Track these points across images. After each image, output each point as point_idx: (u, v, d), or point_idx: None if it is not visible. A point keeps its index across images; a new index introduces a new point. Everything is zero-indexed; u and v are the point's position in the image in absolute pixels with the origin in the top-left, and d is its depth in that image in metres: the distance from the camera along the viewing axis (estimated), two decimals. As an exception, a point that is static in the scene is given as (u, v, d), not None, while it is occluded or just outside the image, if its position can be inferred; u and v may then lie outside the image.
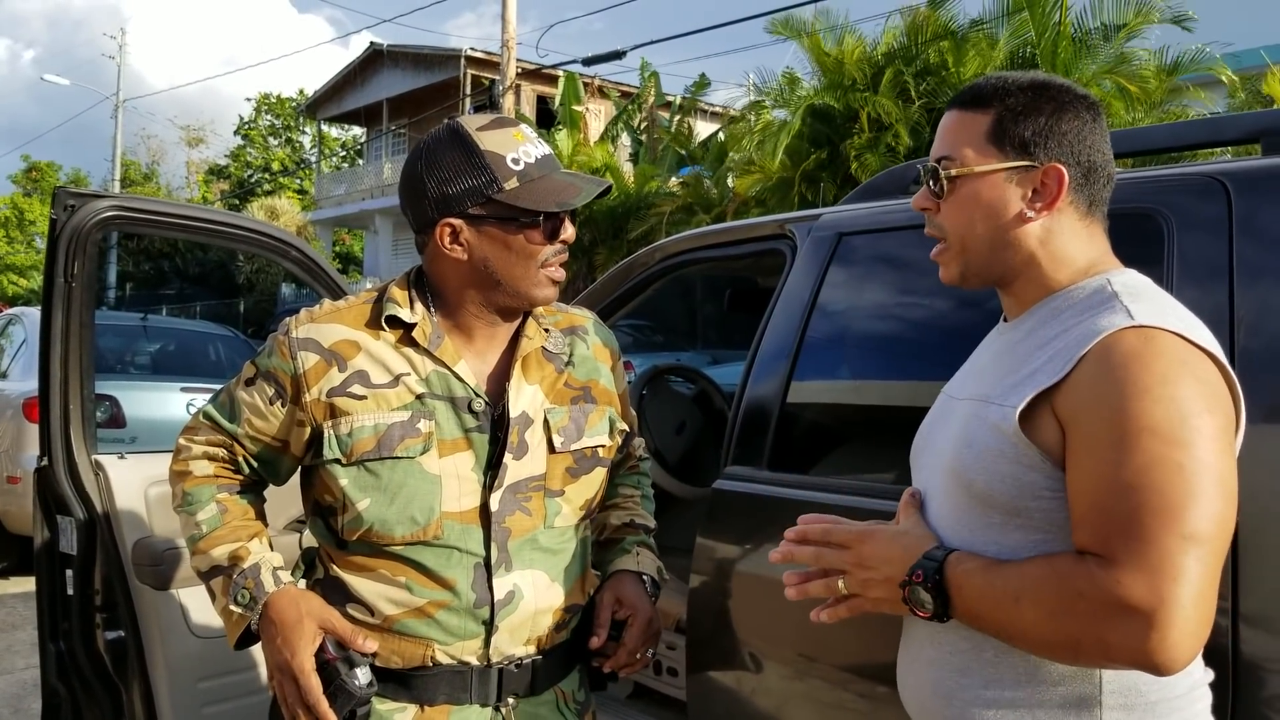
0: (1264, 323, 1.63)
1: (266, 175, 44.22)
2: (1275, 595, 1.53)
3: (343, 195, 33.96)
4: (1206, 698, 1.33)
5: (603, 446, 1.82)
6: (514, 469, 1.70)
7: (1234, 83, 11.68)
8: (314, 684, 1.60)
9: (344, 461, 1.65)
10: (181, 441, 1.80)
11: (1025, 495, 1.29)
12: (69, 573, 2.70)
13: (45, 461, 2.68)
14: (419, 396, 1.67)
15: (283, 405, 1.70)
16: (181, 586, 2.67)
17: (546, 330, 1.81)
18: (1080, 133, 1.37)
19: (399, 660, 1.68)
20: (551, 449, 1.75)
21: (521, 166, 1.65)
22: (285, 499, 2.82)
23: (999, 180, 1.39)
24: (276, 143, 46.88)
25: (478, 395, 1.70)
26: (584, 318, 1.92)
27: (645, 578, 1.89)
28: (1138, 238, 1.80)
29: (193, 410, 7.41)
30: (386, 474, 1.64)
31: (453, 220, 1.66)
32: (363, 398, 1.65)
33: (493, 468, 1.69)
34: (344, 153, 42.57)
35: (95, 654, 2.72)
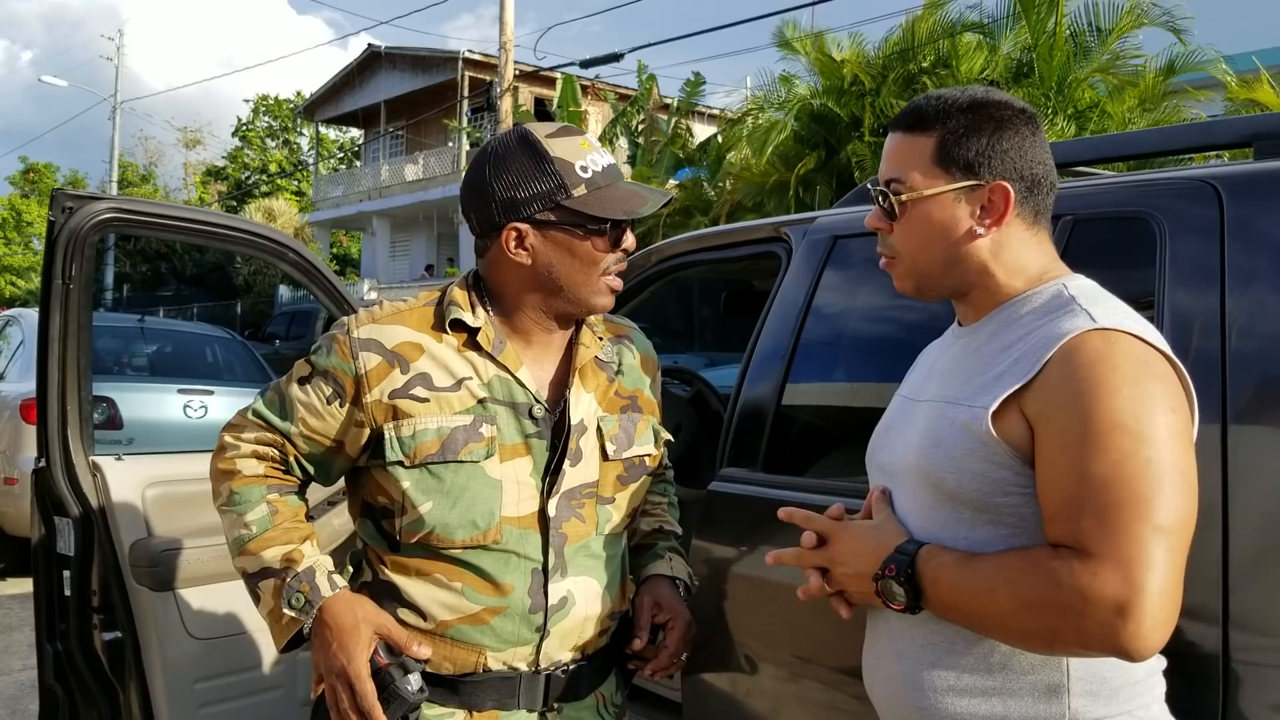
0: (1255, 326, 1.64)
1: (264, 177, 44.21)
2: (1266, 598, 1.54)
3: (340, 197, 33.98)
4: (1161, 685, 1.38)
5: (649, 455, 1.85)
6: (570, 475, 1.71)
7: (1231, 86, 11.69)
8: (369, 689, 1.59)
9: (406, 464, 1.64)
10: (227, 439, 1.76)
11: (995, 492, 1.33)
12: (66, 574, 2.71)
13: (43, 463, 2.68)
14: (481, 401, 1.67)
15: (341, 405, 1.68)
16: (179, 588, 2.67)
17: (600, 339, 1.83)
18: (1021, 148, 1.42)
19: (450, 666, 1.68)
20: (605, 456, 1.76)
21: (589, 174, 1.67)
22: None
23: (948, 201, 1.44)
24: (274, 144, 46.87)
25: (538, 401, 1.71)
26: (628, 327, 1.95)
27: (679, 582, 1.91)
28: (1130, 241, 1.81)
29: (190, 412, 7.40)
30: (450, 477, 1.64)
31: (519, 225, 1.67)
32: (425, 400, 1.65)
33: (550, 474, 1.70)
34: (341, 154, 42.60)
35: (92, 655, 2.72)
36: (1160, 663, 1.38)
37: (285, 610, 1.65)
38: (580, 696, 1.77)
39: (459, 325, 1.70)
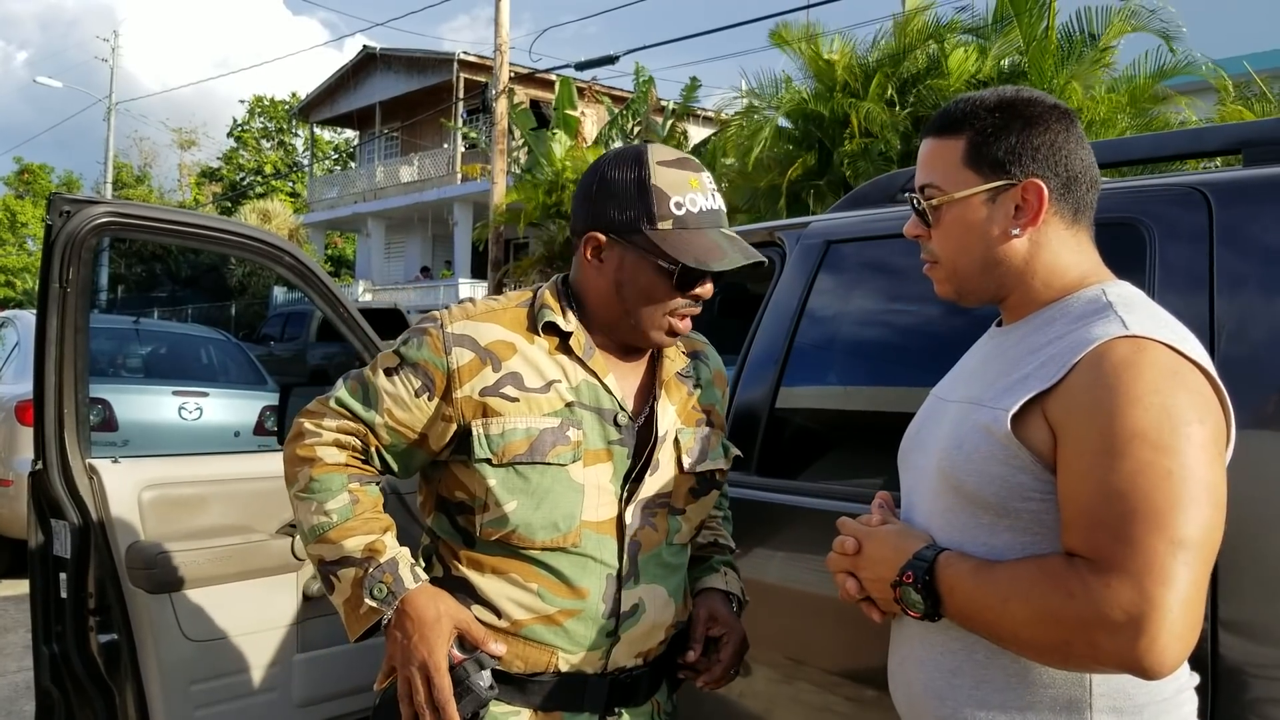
0: (1245, 331, 1.65)
1: (259, 178, 44.15)
2: (1256, 601, 1.55)
3: (335, 198, 33.96)
4: (1192, 701, 1.35)
5: (720, 470, 1.85)
6: (647, 485, 1.72)
7: (1225, 89, 11.74)
8: (447, 683, 1.60)
9: (494, 462, 1.64)
10: (308, 425, 1.73)
11: (1015, 497, 1.31)
12: (63, 576, 2.71)
13: (40, 465, 2.68)
14: (569, 405, 1.68)
15: (430, 399, 1.67)
16: (175, 590, 2.68)
17: (683, 353, 1.85)
18: (1054, 144, 1.39)
19: (521, 665, 1.68)
20: (680, 468, 1.77)
21: (682, 212, 1.65)
22: (276, 503, 2.84)
23: (980, 202, 1.41)
24: (269, 145, 46.82)
25: (623, 409, 1.72)
26: (702, 341, 1.95)
27: (733, 597, 1.91)
28: (1120, 247, 1.82)
29: (185, 414, 7.38)
30: (536, 478, 1.64)
31: (599, 235, 1.68)
32: (515, 400, 1.65)
33: (629, 481, 1.71)
34: (336, 156, 42.55)
35: (89, 657, 2.72)
36: (1191, 678, 1.35)
37: (367, 600, 1.64)
38: (639, 703, 1.78)
39: (551, 328, 1.71)
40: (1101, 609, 1.16)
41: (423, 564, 1.78)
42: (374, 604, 1.64)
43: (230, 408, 7.26)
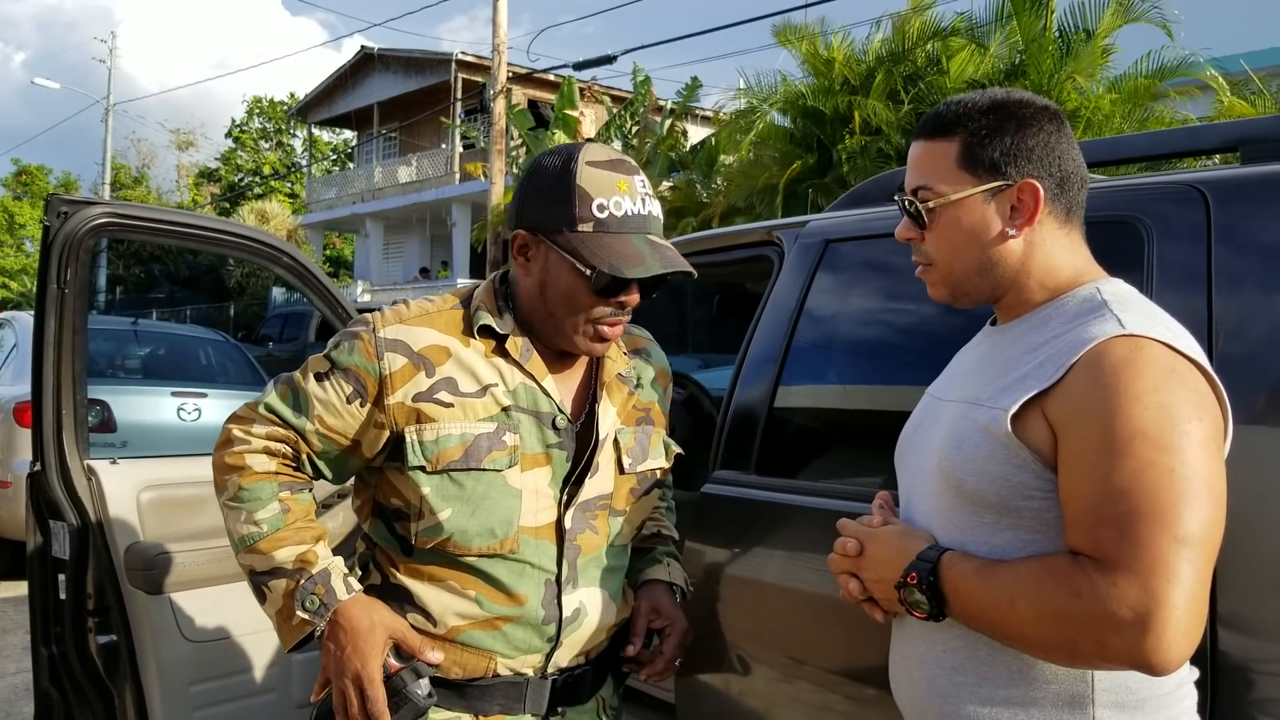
0: (1242, 329, 1.65)
1: (257, 179, 44.13)
2: (1252, 596, 1.55)
3: (333, 199, 33.95)
4: (1193, 695, 1.36)
5: (661, 468, 1.84)
6: (587, 487, 1.70)
7: (1221, 86, 11.74)
8: (381, 694, 1.58)
9: (428, 469, 1.62)
10: (236, 432, 1.69)
11: (1016, 496, 1.31)
12: (61, 577, 2.71)
13: (38, 466, 2.68)
14: (505, 409, 1.65)
15: (361, 405, 1.64)
16: (173, 591, 2.68)
17: (624, 353, 1.83)
18: (1047, 144, 1.40)
19: (459, 671, 1.67)
20: (621, 470, 1.75)
21: (604, 215, 1.60)
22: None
23: (976, 203, 1.41)
24: (267, 146, 46.80)
25: (561, 412, 1.69)
26: (645, 338, 1.93)
27: (676, 588, 1.91)
28: (1118, 245, 1.82)
29: (184, 415, 7.38)
30: (471, 485, 1.62)
31: (525, 234, 1.66)
32: (449, 405, 1.63)
33: (569, 485, 1.70)
34: (335, 156, 42.54)
35: (88, 658, 2.72)
36: (1191, 673, 1.36)
37: (299, 612, 1.62)
38: (583, 700, 1.78)
39: (487, 331, 1.68)
40: (1109, 607, 1.17)
41: (359, 571, 1.76)
42: (306, 616, 1.62)
43: (229, 409, 7.15)
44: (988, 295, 1.47)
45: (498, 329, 1.67)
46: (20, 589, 6.38)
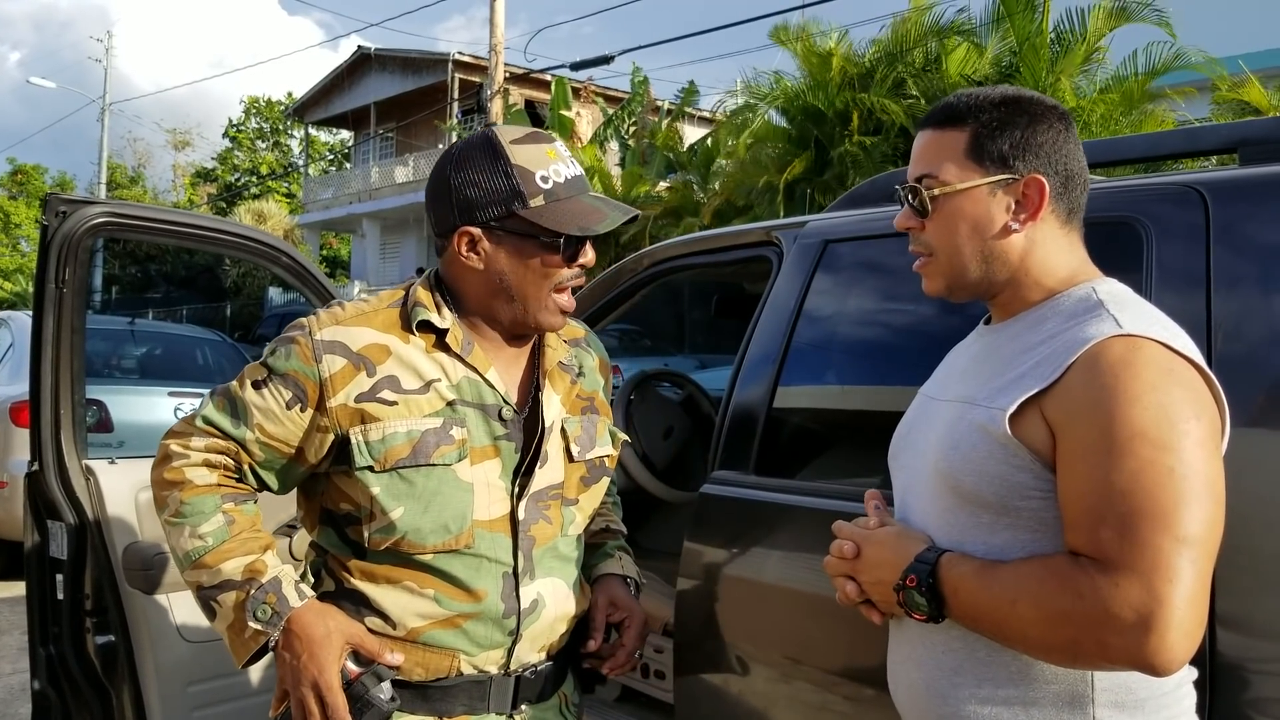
0: (1241, 330, 1.66)
1: (254, 179, 44.10)
2: (1252, 597, 1.55)
3: (330, 199, 33.90)
4: (1192, 695, 1.36)
5: (609, 456, 1.84)
6: (538, 477, 1.70)
7: (1221, 89, 11.77)
8: (340, 701, 1.56)
9: (376, 469, 1.60)
10: (174, 447, 1.67)
11: (1014, 495, 1.31)
12: (59, 577, 2.71)
13: (36, 466, 2.68)
14: (450, 403, 1.65)
15: (302, 410, 1.62)
16: (171, 591, 2.68)
17: (564, 342, 1.84)
18: (1055, 142, 1.41)
19: (422, 672, 1.65)
20: (570, 458, 1.76)
21: (549, 185, 1.64)
22: (273, 503, 2.83)
23: (982, 195, 1.41)
24: (264, 146, 46.76)
25: (507, 403, 1.69)
26: (582, 329, 1.94)
27: (630, 580, 1.91)
28: (1117, 246, 1.83)
29: (181, 415, 7.38)
30: (421, 481, 1.61)
31: (472, 229, 1.65)
32: (393, 404, 1.62)
33: (519, 475, 1.69)
34: (332, 156, 42.52)
35: (85, 658, 2.72)
36: (1190, 673, 1.35)
37: (250, 623, 1.59)
38: (546, 697, 1.78)
39: (426, 326, 1.67)
40: (1110, 608, 1.17)
41: (311, 580, 1.74)
42: (258, 626, 1.59)
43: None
44: (985, 290, 1.47)
45: (437, 323, 1.67)
46: (16, 589, 6.37)
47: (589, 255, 1.70)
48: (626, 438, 1.91)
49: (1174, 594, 1.15)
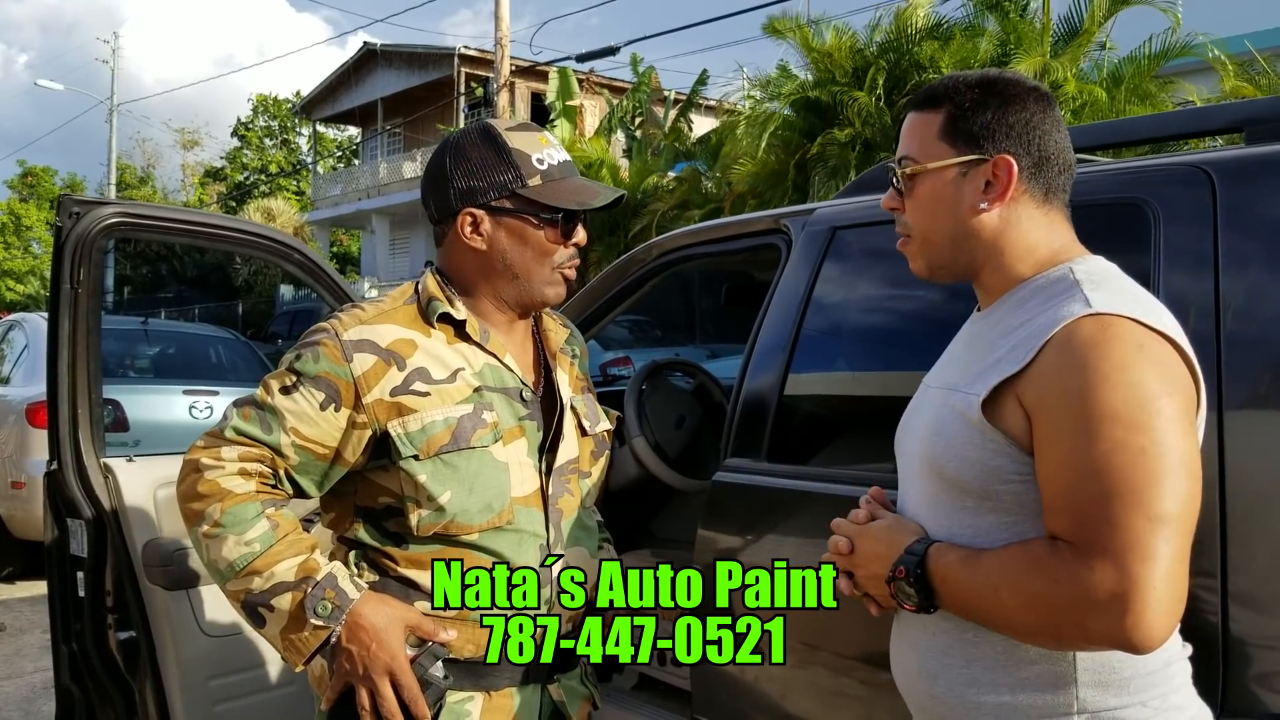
0: (1250, 309, 1.66)
1: (263, 177, 44.17)
2: (1264, 577, 1.56)
3: (339, 196, 33.94)
4: (1185, 672, 1.36)
5: (608, 431, 1.94)
6: (560, 453, 1.79)
7: (1225, 66, 11.70)
8: (413, 681, 1.63)
9: (420, 457, 1.66)
10: (205, 460, 1.65)
11: (994, 480, 1.33)
12: (80, 575, 2.74)
13: (55, 465, 2.71)
14: (477, 389, 1.72)
15: (337, 410, 1.65)
16: (191, 586, 2.70)
17: (563, 327, 1.95)
18: (1029, 123, 1.41)
19: (473, 649, 1.71)
20: (583, 432, 1.86)
21: (545, 166, 1.74)
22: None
23: (952, 175, 1.44)
24: (273, 144, 46.82)
25: (525, 385, 1.78)
26: (567, 328, 2.03)
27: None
28: (1124, 227, 1.83)
29: (196, 413, 7.40)
30: (464, 465, 1.68)
31: (475, 210, 1.73)
32: (426, 394, 1.68)
33: (545, 452, 1.78)
34: (340, 153, 42.56)
35: (108, 654, 2.75)
36: (1184, 649, 1.36)
37: (312, 620, 1.61)
38: (573, 667, 1.86)
39: (445, 319, 1.75)
40: (1086, 591, 1.18)
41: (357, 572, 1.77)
42: (319, 622, 1.62)
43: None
44: (963, 270, 1.48)
45: (455, 315, 1.75)
46: (36, 589, 6.42)
47: (581, 234, 1.80)
48: (620, 413, 2.02)
49: (1149, 573, 1.16)
